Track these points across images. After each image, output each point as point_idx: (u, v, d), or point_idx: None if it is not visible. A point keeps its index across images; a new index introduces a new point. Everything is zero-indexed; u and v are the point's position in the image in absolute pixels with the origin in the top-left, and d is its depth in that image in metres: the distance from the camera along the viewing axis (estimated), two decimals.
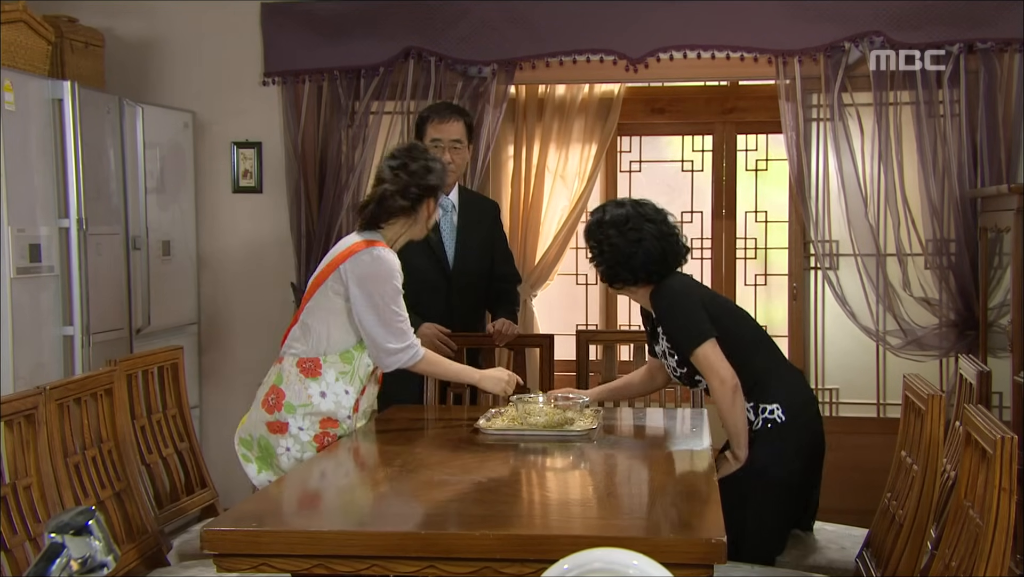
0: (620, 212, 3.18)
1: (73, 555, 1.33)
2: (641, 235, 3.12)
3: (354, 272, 3.11)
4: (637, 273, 3.15)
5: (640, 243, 3.12)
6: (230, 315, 5.18)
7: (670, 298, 3.15)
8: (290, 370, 3.17)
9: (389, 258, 3.14)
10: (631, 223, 3.14)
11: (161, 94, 5.06)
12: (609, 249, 3.15)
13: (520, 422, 3.22)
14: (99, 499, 2.91)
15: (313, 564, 2.22)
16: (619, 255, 3.14)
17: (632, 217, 3.15)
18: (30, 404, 2.64)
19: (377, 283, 3.10)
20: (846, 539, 3.23)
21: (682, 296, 3.15)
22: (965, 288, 4.58)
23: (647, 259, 3.13)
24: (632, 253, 3.12)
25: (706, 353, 3.06)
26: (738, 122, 5.17)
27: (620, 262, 3.14)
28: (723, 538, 2.12)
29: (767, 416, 3.07)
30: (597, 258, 3.20)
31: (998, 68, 4.52)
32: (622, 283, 3.20)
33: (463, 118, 4.02)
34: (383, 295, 3.10)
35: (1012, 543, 2.07)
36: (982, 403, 2.97)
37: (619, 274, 3.17)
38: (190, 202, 5.06)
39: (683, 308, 3.12)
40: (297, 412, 3.12)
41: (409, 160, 3.21)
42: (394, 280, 3.13)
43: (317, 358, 3.16)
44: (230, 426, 5.05)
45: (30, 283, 3.97)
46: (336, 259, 3.16)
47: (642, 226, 3.14)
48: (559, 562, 1.31)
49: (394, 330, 3.12)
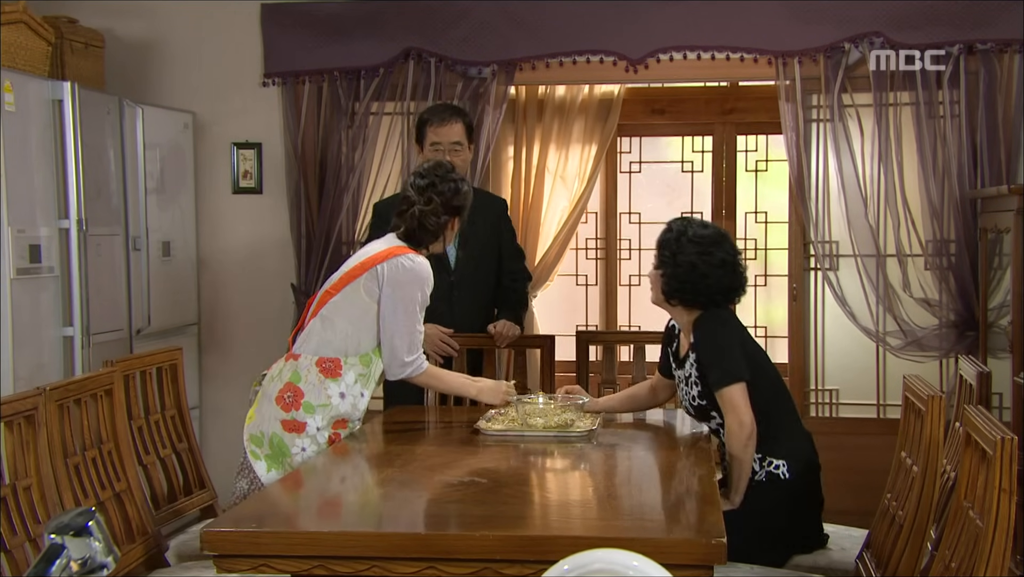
0: (705, 232, 3.16)
1: (73, 556, 1.33)
2: (719, 260, 3.11)
3: (392, 274, 3.14)
4: (700, 296, 3.13)
5: (716, 268, 3.11)
6: (230, 316, 5.18)
7: (716, 329, 3.12)
8: (309, 368, 3.15)
9: (426, 268, 3.19)
10: (713, 247, 3.13)
11: (161, 95, 5.06)
12: (684, 264, 3.12)
13: (520, 423, 3.22)
14: (99, 500, 2.91)
15: (313, 565, 2.22)
16: (693, 273, 3.11)
17: (716, 241, 3.14)
18: (30, 405, 2.64)
19: (412, 288, 3.14)
20: (846, 540, 3.23)
21: (727, 331, 3.13)
22: (965, 289, 4.58)
23: (718, 286, 3.11)
24: (705, 275, 3.10)
25: (734, 394, 3.03)
26: (738, 123, 5.17)
27: (690, 280, 3.11)
28: (723, 539, 2.12)
29: (772, 470, 3.06)
30: (667, 269, 3.15)
31: (998, 69, 4.52)
32: (679, 300, 3.17)
33: (462, 119, 4.01)
34: (413, 301, 3.14)
35: (1012, 544, 2.07)
36: (982, 404, 2.97)
37: (683, 291, 3.14)
38: (190, 203, 5.06)
39: (726, 343, 3.09)
40: (316, 413, 3.12)
41: (437, 180, 3.23)
42: (426, 288, 3.18)
43: (338, 359, 3.15)
44: (230, 427, 5.10)
45: (30, 284, 3.97)
46: (373, 258, 3.16)
47: (722, 253, 3.13)
48: (559, 563, 1.31)
49: (413, 340, 3.16)
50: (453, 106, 4.22)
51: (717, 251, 3.12)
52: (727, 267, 3.13)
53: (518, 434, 3.16)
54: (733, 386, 3.03)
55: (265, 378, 3.25)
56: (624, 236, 5.30)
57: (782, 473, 3.05)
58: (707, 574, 2.12)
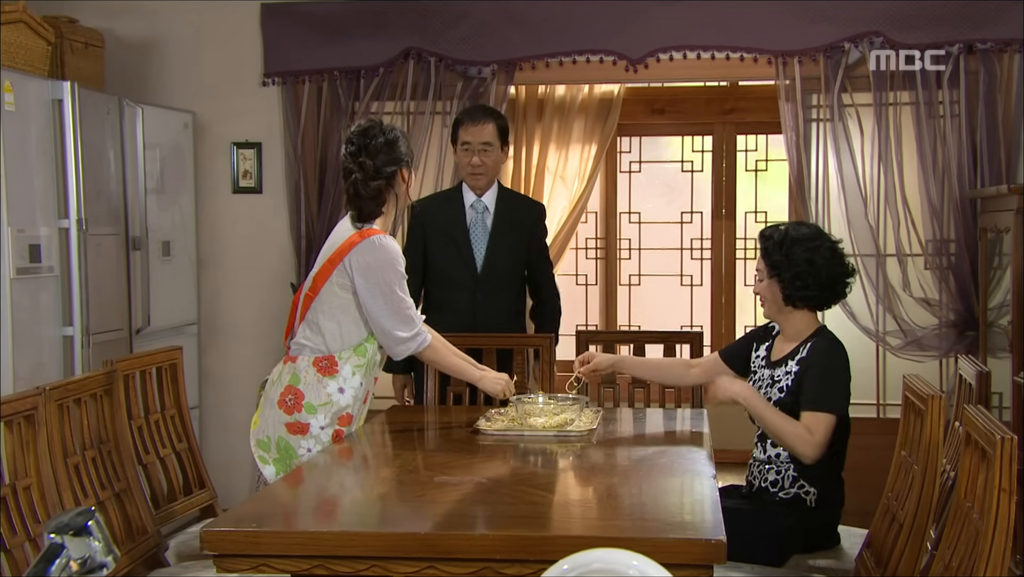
0: (805, 230, 3.19)
1: (73, 556, 1.33)
2: (828, 251, 3.14)
3: (358, 264, 3.10)
4: (824, 290, 3.14)
5: (828, 259, 3.13)
6: (230, 316, 5.18)
7: (834, 351, 3.13)
8: (307, 369, 3.15)
9: (389, 244, 3.14)
10: (818, 240, 3.15)
11: (161, 95, 5.06)
12: (801, 263, 3.12)
13: (520, 422, 3.22)
14: (99, 500, 2.91)
15: (313, 565, 2.22)
16: (811, 269, 3.12)
17: (818, 234, 3.18)
18: (30, 404, 2.64)
19: (382, 271, 3.09)
20: (846, 539, 3.23)
21: (844, 361, 3.14)
22: (965, 288, 4.58)
23: (836, 275, 3.13)
24: (822, 267, 3.12)
25: (821, 422, 3.02)
26: (738, 122, 5.17)
27: (812, 276, 3.12)
28: (723, 538, 2.12)
29: (801, 493, 3.08)
30: (784, 273, 3.14)
31: (998, 69, 4.52)
32: (804, 301, 3.16)
33: (495, 120, 4.03)
34: (389, 282, 3.10)
35: (1012, 543, 2.07)
36: (982, 403, 2.97)
37: (807, 288, 3.13)
38: (190, 203, 5.06)
39: (839, 372, 3.12)
40: (319, 412, 3.12)
41: (365, 140, 3.16)
42: (397, 265, 3.13)
43: (333, 356, 3.15)
44: (230, 426, 5.11)
45: (30, 283, 3.97)
46: (336, 253, 3.14)
47: (828, 243, 3.16)
48: (559, 562, 1.31)
49: (403, 317, 3.12)
50: (487, 107, 4.24)
51: (823, 243, 3.16)
52: (837, 256, 3.17)
53: (518, 434, 3.16)
54: (826, 414, 3.04)
55: (267, 383, 3.25)
56: (624, 236, 5.30)
57: (810, 501, 3.08)
58: (707, 574, 2.12)
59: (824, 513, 3.11)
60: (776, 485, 3.11)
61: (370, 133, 3.18)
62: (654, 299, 5.31)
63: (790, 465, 3.09)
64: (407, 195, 3.26)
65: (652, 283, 5.31)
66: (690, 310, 5.25)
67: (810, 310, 3.19)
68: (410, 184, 3.25)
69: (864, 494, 3.54)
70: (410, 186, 3.26)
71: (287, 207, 5.05)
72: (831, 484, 3.13)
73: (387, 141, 3.16)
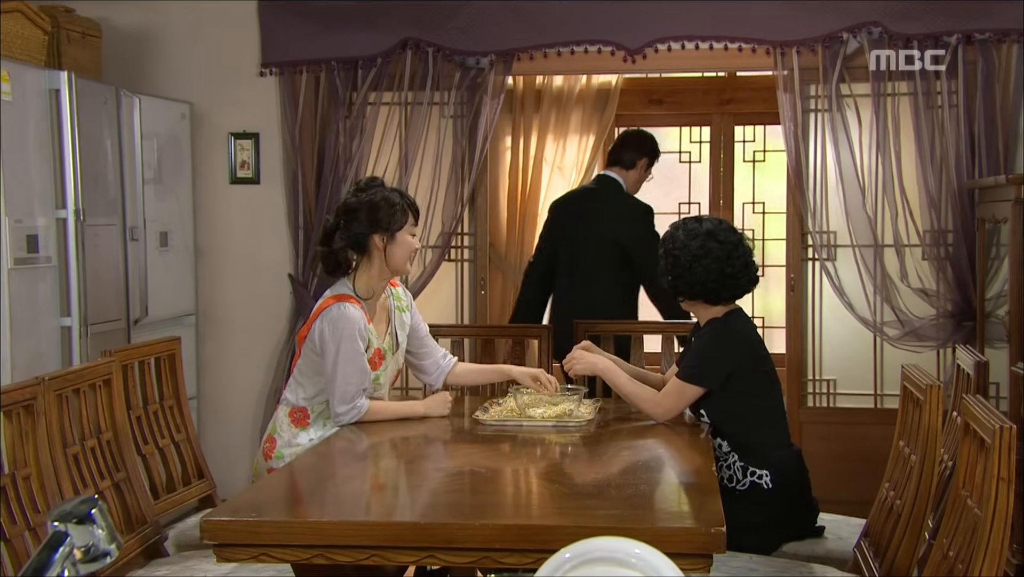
0: (694, 227, 3.21)
1: (76, 544, 1.33)
2: (706, 252, 3.15)
3: (320, 330, 3.16)
4: (695, 287, 3.17)
5: (700, 259, 3.14)
6: (228, 306, 5.17)
7: (719, 333, 3.19)
8: (283, 420, 3.26)
9: (346, 317, 3.12)
10: (700, 239, 3.16)
11: (158, 85, 5.04)
12: (674, 260, 3.18)
13: (519, 413, 3.22)
14: (98, 489, 2.91)
15: (313, 554, 2.22)
16: (680, 267, 3.17)
17: (704, 234, 3.18)
18: (29, 395, 2.63)
19: (333, 343, 3.13)
20: (844, 529, 3.24)
21: (728, 338, 3.18)
22: (962, 279, 4.58)
23: (706, 276, 3.15)
24: (691, 267, 3.15)
25: (684, 390, 3.15)
26: (736, 113, 5.17)
27: (680, 274, 3.18)
28: (722, 528, 2.13)
29: (755, 480, 3.11)
30: (665, 269, 3.22)
31: (996, 59, 4.52)
32: (683, 295, 3.23)
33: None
34: (336, 355, 3.12)
35: (1010, 532, 2.07)
36: (979, 393, 2.98)
37: (679, 285, 3.20)
38: (187, 193, 5.05)
39: (717, 348, 3.16)
40: (285, 458, 3.18)
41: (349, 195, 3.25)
42: (346, 343, 3.12)
43: (305, 408, 3.25)
44: (228, 417, 5.11)
45: (28, 274, 3.97)
46: (313, 315, 3.22)
47: (710, 244, 3.16)
48: (561, 551, 1.31)
49: (344, 392, 3.15)
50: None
51: (702, 244, 3.17)
52: (714, 260, 3.16)
53: (517, 424, 3.16)
54: (691, 384, 3.14)
55: None
56: None
57: (765, 484, 3.10)
58: (707, 563, 2.13)
59: (787, 490, 3.10)
60: (732, 480, 3.14)
61: (362, 188, 3.24)
62: None
63: (732, 456, 3.13)
64: (407, 261, 3.25)
65: None
66: None
67: (705, 303, 3.23)
68: (390, 249, 3.18)
69: (861, 483, 3.55)
70: (390, 252, 3.19)
71: (285, 198, 5.04)
72: (781, 459, 3.13)
73: (371, 203, 3.17)
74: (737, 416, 3.14)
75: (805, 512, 3.18)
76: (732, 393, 3.13)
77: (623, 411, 3.56)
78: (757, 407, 3.17)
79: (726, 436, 3.15)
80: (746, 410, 3.15)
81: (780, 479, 3.10)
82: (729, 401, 3.14)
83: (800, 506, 3.17)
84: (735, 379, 3.13)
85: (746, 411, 3.15)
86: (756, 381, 3.18)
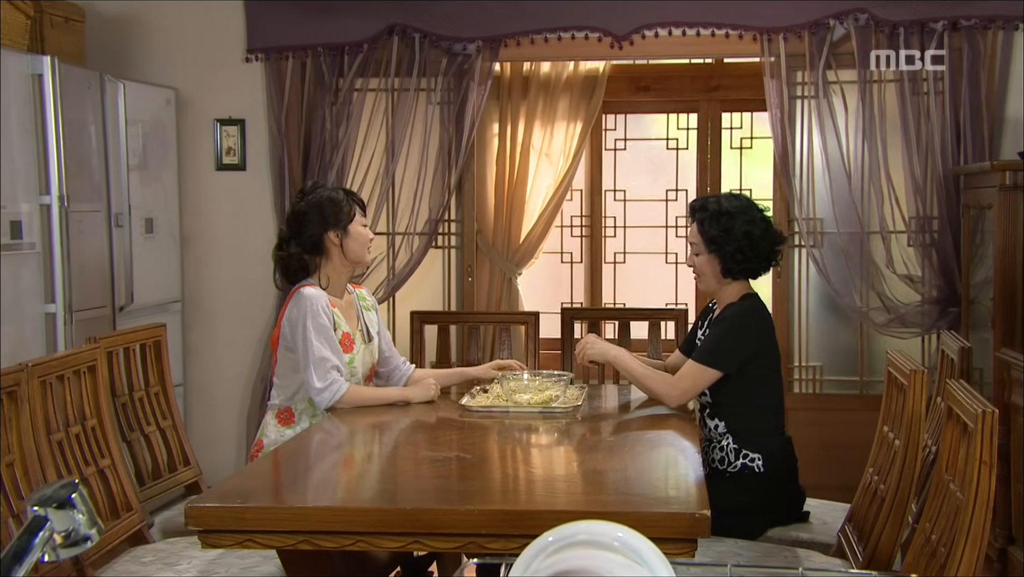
0: (736, 203, 3.21)
1: (56, 528, 1.32)
2: (760, 224, 3.18)
3: (288, 319, 3.21)
4: (761, 260, 3.19)
5: (762, 231, 3.17)
6: (213, 293, 5.16)
7: (739, 317, 3.18)
8: (269, 422, 3.30)
9: (306, 295, 3.19)
10: (750, 213, 3.19)
11: (143, 70, 5.01)
12: (739, 238, 3.16)
13: (505, 399, 3.22)
14: (83, 476, 2.90)
15: (298, 540, 2.22)
16: (747, 243, 3.16)
17: (749, 208, 3.20)
18: (12, 381, 2.62)
19: (300, 321, 3.16)
20: (828, 514, 3.25)
21: (749, 323, 3.18)
22: (947, 265, 4.60)
23: (767, 246, 3.18)
24: (758, 240, 3.16)
25: (701, 373, 3.12)
26: (723, 100, 5.16)
27: (749, 248, 3.16)
28: (707, 512, 2.13)
29: (747, 462, 3.13)
30: (722, 248, 3.18)
31: (982, 45, 4.53)
32: (744, 272, 3.21)
33: None
34: (307, 330, 3.15)
35: (992, 516, 2.09)
36: (963, 379, 2.99)
37: (746, 261, 3.18)
38: (173, 179, 5.02)
39: (739, 332, 3.16)
40: None
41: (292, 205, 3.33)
42: (311, 318, 3.16)
43: (290, 407, 3.28)
44: (214, 404, 5.10)
45: (11, 260, 3.94)
46: (281, 313, 3.27)
47: (757, 216, 3.20)
48: (544, 534, 1.31)
49: (319, 369, 3.15)
50: None
51: (756, 214, 3.20)
52: (770, 226, 3.21)
53: (503, 410, 3.16)
54: (708, 368, 3.12)
55: None
56: (609, 213, 5.29)
57: (757, 467, 3.12)
58: (691, 547, 2.14)
59: (777, 475, 3.13)
60: (724, 462, 3.15)
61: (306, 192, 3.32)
62: (639, 277, 5.31)
63: (727, 437, 3.15)
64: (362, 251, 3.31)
65: (637, 261, 5.31)
66: (675, 288, 5.26)
67: (744, 280, 3.25)
68: (346, 243, 3.27)
69: (846, 469, 3.57)
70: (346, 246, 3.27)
71: (271, 184, 5.02)
72: (773, 445, 3.16)
73: (319, 204, 3.25)
74: (742, 400, 3.15)
75: (792, 498, 3.20)
76: (744, 378, 3.14)
77: (609, 397, 3.57)
78: (762, 393, 3.18)
79: (724, 418, 3.16)
80: (752, 395, 3.16)
81: (771, 464, 3.12)
82: (739, 385, 3.15)
83: (788, 492, 3.18)
84: (750, 364, 3.14)
85: (752, 396, 3.15)
86: (768, 368, 3.19)
